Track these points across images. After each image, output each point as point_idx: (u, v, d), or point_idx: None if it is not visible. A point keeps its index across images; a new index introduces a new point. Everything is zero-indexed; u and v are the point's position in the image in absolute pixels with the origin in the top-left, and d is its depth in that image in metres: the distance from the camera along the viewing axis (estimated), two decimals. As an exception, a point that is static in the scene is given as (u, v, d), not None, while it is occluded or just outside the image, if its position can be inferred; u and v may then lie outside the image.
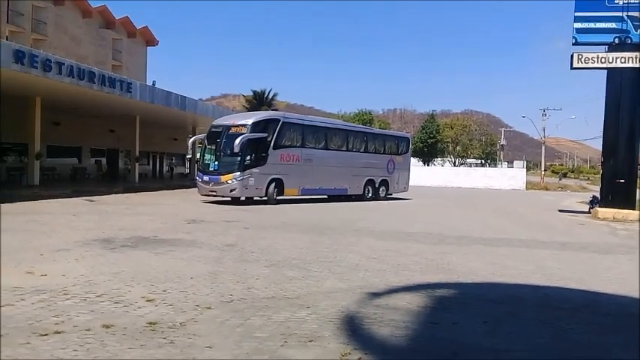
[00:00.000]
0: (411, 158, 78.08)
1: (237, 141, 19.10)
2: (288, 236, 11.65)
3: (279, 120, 21.53)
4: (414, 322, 5.40)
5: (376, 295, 6.49)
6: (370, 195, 25.60)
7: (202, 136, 22.63)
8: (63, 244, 9.40)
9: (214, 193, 20.15)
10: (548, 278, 7.95)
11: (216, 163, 20.29)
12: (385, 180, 26.64)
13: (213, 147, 20.68)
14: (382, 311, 5.74)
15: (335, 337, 4.80)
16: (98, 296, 5.88)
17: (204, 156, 21.52)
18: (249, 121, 20.52)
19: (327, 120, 28.86)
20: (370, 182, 25.66)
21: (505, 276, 8.03)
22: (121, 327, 4.81)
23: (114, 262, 7.87)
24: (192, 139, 23.61)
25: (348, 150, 24.82)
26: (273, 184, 20.74)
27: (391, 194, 27.22)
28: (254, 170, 20.05)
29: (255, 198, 20.74)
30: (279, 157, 21.06)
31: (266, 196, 20.63)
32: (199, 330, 4.84)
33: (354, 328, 5.14)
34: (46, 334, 4.54)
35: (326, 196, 24.10)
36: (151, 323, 4.95)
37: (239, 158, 19.65)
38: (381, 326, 5.21)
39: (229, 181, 19.61)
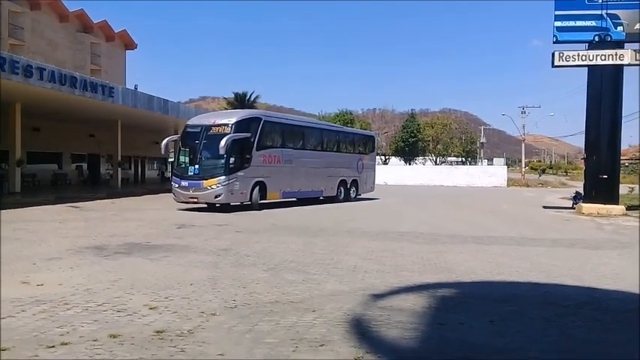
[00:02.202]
0: (393, 157, 78.27)
1: (223, 142, 17.48)
2: (281, 239, 11.60)
3: (261, 119, 20.06)
4: (421, 323, 5.40)
5: (379, 296, 6.48)
6: (342, 196, 24.70)
7: (177, 137, 20.89)
8: (54, 252, 9.26)
9: (195, 200, 18.43)
10: (545, 275, 8.02)
11: (197, 166, 18.46)
12: (355, 180, 25.94)
13: (191, 149, 19.00)
14: (388, 313, 5.73)
15: (345, 341, 4.77)
16: (100, 305, 5.79)
17: (179, 159, 19.61)
18: (232, 120, 18.85)
19: (304, 119, 28.20)
20: (343, 183, 24.86)
21: (503, 274, 8.08)
22: (129, 336, 4.74)
23: (110, 270, 7.76)
24: (165, 141, 20.66)
25: (323, 150, 24.10)
26: (257, 188, 19.33)
27: (360, 195, 26.50)
28: (239, 174, 18.49)
29: (231, 203, 18.92)
30: (261, 158, 19.67)
31: (250, 200, 19.20)
32: (208, 337, 4.78)
33: (362, 331, 5.12)
34: (52, 346, 4.45)
35: (295, 199, 22.64)
36: (158, 332, 4.88)
37: (223, 161, 17.99)
38: (389, 328, 5.20)
39: (213, 187, 17.92)
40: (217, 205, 18.71)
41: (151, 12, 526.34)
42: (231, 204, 19.04)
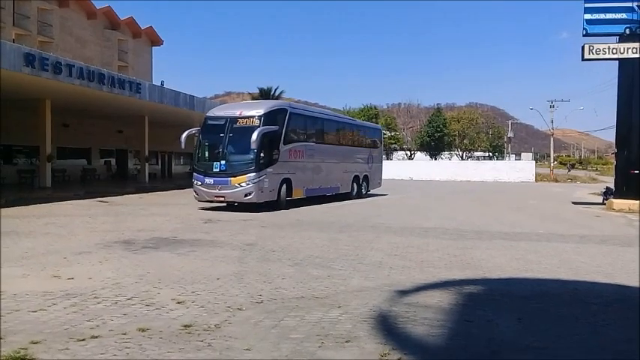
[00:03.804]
0: (418, 152, 77.77)
1: (255, 135, 16.02)
2: (306, 234, 11.62)
3: (287, 110, 18.52)
4: (447, 320, 5.36)
5: (405, 293, 6.46)
6: (355, 192, 23.53)
7: (196, 129, 18.60)
8: (84, 246, 9.43)
9: (222, 199, 16.92)
10: (574, 272, 7.90)
11: (223, 162, 16.79)
12: (367, 176, 24.85)
13: (215, 143, 17.36)
14: (414, 309, 5.71)
15: (371, 337, 4.77)
16: (129, 299, 5.89)
17: (202, 154, 17.92)
18: (261, 112, 17.18)
19: (323, 110, 27.07)
20: (356, 179, 23.75)
21: (531, 271, 7.98)
22: (157, 330, 4.81)
23: (138, 264, 7.87)
24: (184, 135, 18.33)
25: (339, 144, 22.74)
26: (284, 186, 18.01)
27: (369, 191, 25.33)
28: (268, 170, 17.03)
29: (246, 201, 16.74)
30: (288, 153, 18.22)
31: (277, 199, 17.73)
32: (235, 332, 4.82)
33: (388, 328, 5.11)
34: (83, 339, 4.54)
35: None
36: (185, 326, 4.94)
37: (253, 156, 16.50)
38: (415, 325, 5.18)
39: (243, 184, 16.40)
40: (236, 204, 17.19)
41: (176, 8, 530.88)
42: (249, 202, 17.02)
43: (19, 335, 4.59)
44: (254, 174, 16.51)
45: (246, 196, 16.54)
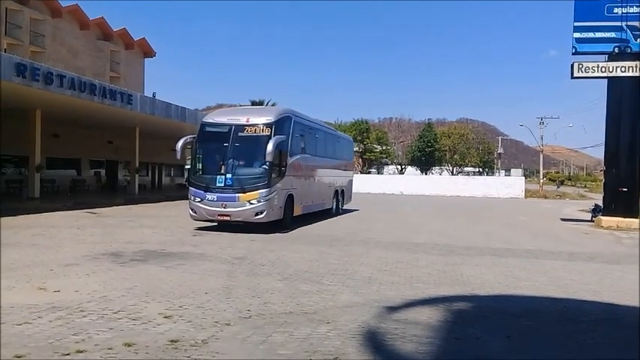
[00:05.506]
0: (409, 167, 77.83)
1: (271, 146, 14.01)
2: (295, 248, 11.58)
3: (292, 118, 16.55)
4: (436, 337, 5.34)
5: (394, 309, 6.44)
6: (334, 208, 22.08)
7: (192, 137, 15.97)
8: (71, 258, 9.34)
9: (227, 218, 14.59)
10: (563, 290, 7.92)
11: (229, 176, 14.48)
12: (343, 190, 23.48)
13: (218, 154, 15.13)
14: (403, 326, 5.69)
15: (360, 354, 4.75)
16: (115, 313, 5.83)
17: (201, 166, 15.56)
18: (272, 119, 15.05)
19: (315, 120, 24.07)
20: (336, 193, 22.31)
21: (520, 288, 7.99)
22: (143, 345, 4.76)
23: (125, 277, 7.81)
24: (181, 142, 15.86)
25: (326, 156, 20.99)
26: (289, 202, 16.15)
27: (344, 206, 23.90)
28: (278, 185, 15.04)
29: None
30: (292, 167, 16.27)
31: (283, 217, 15.68)
32: (222, 348, 4.78)
33: (377, 345, 5.09)
34: (68, 354, 4.49)
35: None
36: (172, 341, 4.89)
37: (265, 169, 14.46)
38: (404, 342, 5.16)
39: (254, 202, 14.28)
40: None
41: (168, 19, 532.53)
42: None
43: (4, 349, 4.53)
44: (266, 190, 14.43)
45: (256, 215, 14.45)
